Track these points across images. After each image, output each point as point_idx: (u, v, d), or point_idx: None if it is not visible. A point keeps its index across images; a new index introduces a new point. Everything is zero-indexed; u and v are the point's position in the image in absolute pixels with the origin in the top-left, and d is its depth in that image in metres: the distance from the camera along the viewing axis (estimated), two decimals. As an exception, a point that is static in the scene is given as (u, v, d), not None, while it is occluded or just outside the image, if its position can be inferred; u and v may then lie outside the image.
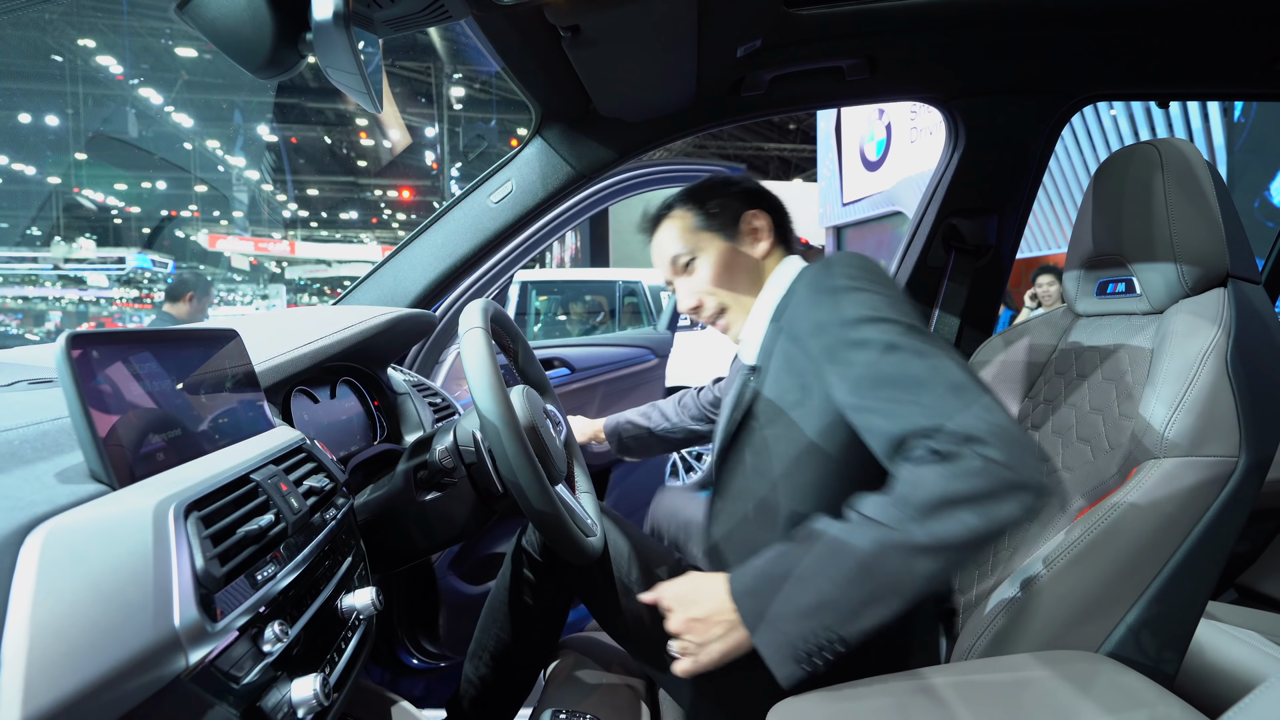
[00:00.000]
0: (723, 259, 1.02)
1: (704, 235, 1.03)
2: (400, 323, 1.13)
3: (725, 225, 1.03)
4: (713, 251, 1.02)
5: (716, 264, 1.02)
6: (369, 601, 0.72)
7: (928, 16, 1.20)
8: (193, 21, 0.65)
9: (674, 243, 1.04)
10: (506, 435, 0.83)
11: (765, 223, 1.04)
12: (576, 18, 0.93)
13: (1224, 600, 1.52)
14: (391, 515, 0.96)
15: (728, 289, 1.02)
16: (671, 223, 1.06)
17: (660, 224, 1.08)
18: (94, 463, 0.51)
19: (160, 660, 0.44)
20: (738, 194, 1.05)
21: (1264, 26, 1.23)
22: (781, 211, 1.07)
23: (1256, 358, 0.85)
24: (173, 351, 0.64)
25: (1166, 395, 0.85)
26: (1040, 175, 1.51)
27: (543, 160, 1.40)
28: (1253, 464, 0.84)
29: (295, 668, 0.59)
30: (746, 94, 1.35)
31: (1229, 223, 0.90)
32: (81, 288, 22.62)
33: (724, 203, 1.04)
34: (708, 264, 1.02)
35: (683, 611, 0.82)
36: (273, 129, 24.06)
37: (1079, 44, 1.29)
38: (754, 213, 1.04)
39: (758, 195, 1.06)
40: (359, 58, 0.62)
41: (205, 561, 0.50)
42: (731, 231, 1.03)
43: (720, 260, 1.02)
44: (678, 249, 1.04)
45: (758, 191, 1.07)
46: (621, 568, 1.02)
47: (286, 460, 0.71)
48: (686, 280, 1.05)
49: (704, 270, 1.02)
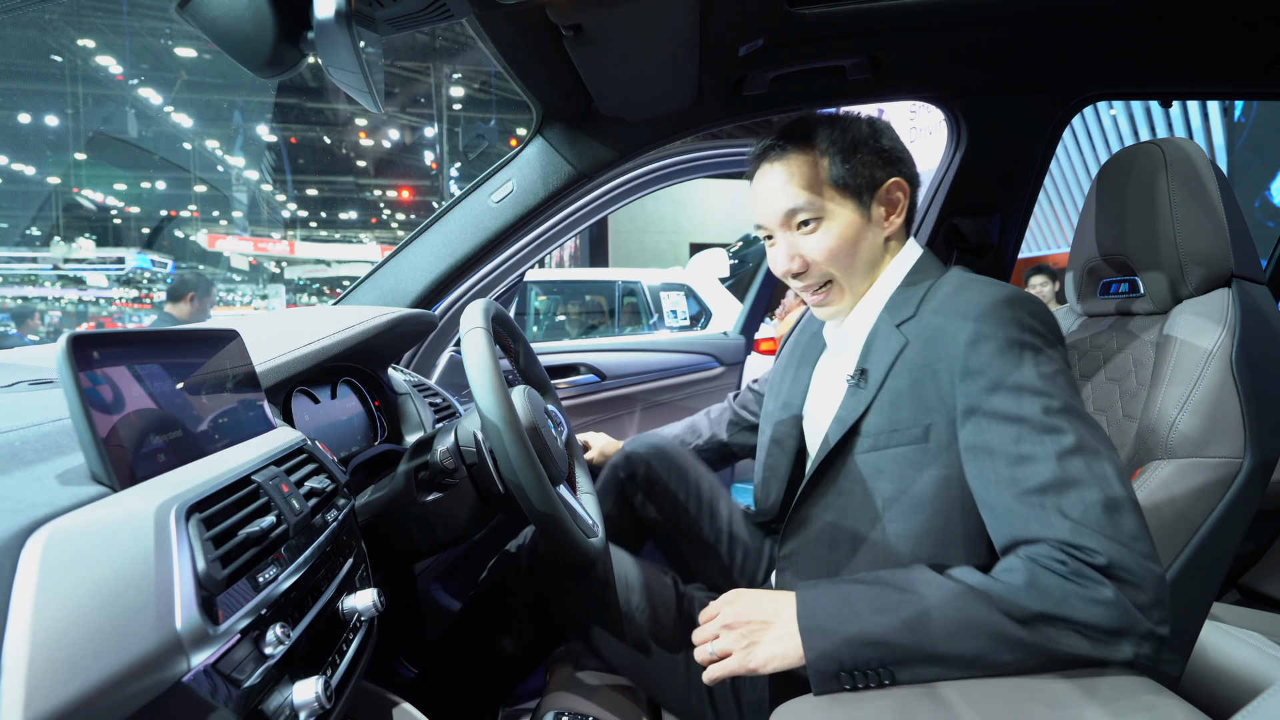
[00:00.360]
0: (851, 231, 0.86)
1: (836, 195, 0.86)
2: (401, 323, 1.12)
3: (861, 190, 0.87)
4: (841, 219, 0.86)
5: (841, 235, 0.86)
6: (370, 603, 0.71)
7: (930, 15, 1.20)
8: (194, 20, 0.65)
9: (797, 194, 0.86)
10: (508, 435, 0.82)
11: (903, 197, 0.89)
12: (578, 16, 0.93)
13: (1227, 601, 1.52)
14: (393, 516, 0.95)
15: (844, 266, 0.88)
16: (800, 164, 0.87)
17: (787, 154, 0.88)
18: (95, 464, 0.50)
19: (162, 664, 0.44)
20: (884, 154, 0.88)
21: (1266, 26, 1.23)
22: (917, 183, 0.92)
23: (1261, 358, 0.85)
24: (173, 352, 0.63)
25: (1171, 396, 0.85)
26: (1043, 175, 1.51)
27: (544, 160, 1.39)
28: (1258, 465, 0.83)
29: (297, 670, 0.59)
30: (748, 93, 1.35)
31: (1233, 223, 0.90)
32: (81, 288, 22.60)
33: (867, 160, 0.87)
34: (832, 233, 0.86)
35: (737, 608, 0.76)
36: (272, 129, 24.07)
37: (1081, 43, 1.29)
38: (897, 181, 0.88)
39: (900, 160, 0.89)
40: (361, 57, 0.62)
41: (207, 564, 0.49)
42: (867, 199, 0.87)
43: (847, 232, 0.86)
44: (799, 203, 0.86)
45: (902, 155, 0.90)
46: (626, 596, 0.96)
47: (288, 461, 0.71)
48: (795, 238, 0.88)
49: (825, 239, 0.86)
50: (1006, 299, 0.77)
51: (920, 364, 0.80)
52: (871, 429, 0.82)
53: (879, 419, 0.81)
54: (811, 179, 0.86)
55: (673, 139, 1.42)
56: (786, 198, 0.87)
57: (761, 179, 0.90)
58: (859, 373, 0.85)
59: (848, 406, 0.85)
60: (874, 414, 0.82)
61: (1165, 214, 0.91)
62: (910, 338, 0.82)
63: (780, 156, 0.88)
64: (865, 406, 0.82)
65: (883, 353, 0.83)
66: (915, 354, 0.80)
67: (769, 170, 0.89)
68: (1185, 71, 1.34)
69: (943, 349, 0.78)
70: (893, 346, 0.83)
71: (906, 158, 0.91)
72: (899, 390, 0.80)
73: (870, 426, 0.82)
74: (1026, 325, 0.75)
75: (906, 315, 0.84)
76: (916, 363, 0.80)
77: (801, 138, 0.88)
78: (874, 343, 0.86)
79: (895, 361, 0.82)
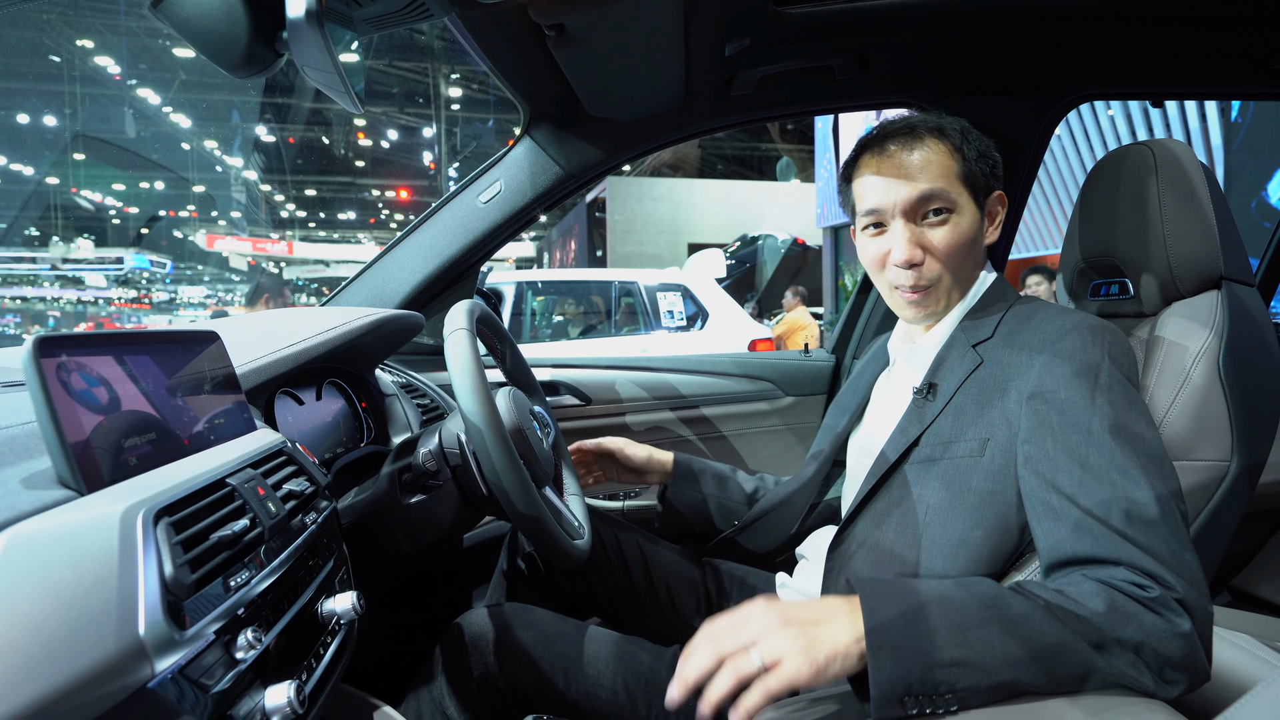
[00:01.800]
0: (972, 231, 0.85)
1: (964, 192, 0.85)
2: (386, 324, 1.12)
3: (980, 194, 0.87)
4: (968, 217, 0.85)
5: (965, 234, 0.84)
6: (350, 606, 0.71)
7: (917, 15, 1.19)
8: (167, 19, 0.64)
9: (940, 178, 0.83)
10: (490, 437, 0.82)
11: (1002, 210, 0.91)
12: (560, 16, 0.92)
13: (1218, 603, 1.52)
14: (376, 518, 0.95)
15: (956, 267, 0.86)
16: (939, 152, 0.84)
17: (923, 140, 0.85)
18: (61, 468, 0.50)
19: (123, 670, 0.43)
20: (996, 165, 0.89)
21: (1260, 26, 1.23)
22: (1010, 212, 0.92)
23: (1249, 361, 0.85)
24: (149, 354, 0.63)
25: (1159, 399, 0.85)
26: (1034, 175, 1.50)
27: (531, 160, 1.39)
28: (1244, 468, 0.83)
29: (270, 675, 0.58)
30: (737, 94, 1.34)
31: (1223, 225, 0.89)
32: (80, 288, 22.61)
33: (989, 166, 0.87)
34: (959, 229, 0.84)
35: (779, 608, 0.64)
36: (271, 129, 24.07)
37: (1071, 43, 1.28)
38: (1000, 195, 0.90)
39: (1001, 176, 0.91)
40: (335, 56, 0.61)
41: (175, 568, 0.49)
42: (981, 202, 0.87)
43: (970, 232, 0.85)
44: (937, 188, 0.83)
45: (1002, 173, 0.91)
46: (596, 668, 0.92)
47: (266, 463, 0.70)
48: (918, 230, 0.85)
49: (953, 233, 0.84)
50: (1087, 327, 0.77)
51: (991, 384, 0.80)
52: (930, 439, 0.82)
53: (939, 431, 0.81)
54: (948, 169, 0.84)
55: (662, 140, 1.42)
56: (924, 182, 0.83)
57: (888, 160, 0.85)
58: (928, 386, 0.85)
59: (912, 418, 0.84)
60: (936, 426, 0.82)
61: (1155, 216, 0.91)
62: (985, 358, 0.82)
63: (916, 141, 0.85)
64: (931, 419, 0.82)
65: (955, 370, 0.83)
66: (987, 374, 0.81)
67: (900, 153, 0.84)
68: (1177, 71, 1.34)
69: (1016, 371, 0.78)
70: (966, 365, 0.83)
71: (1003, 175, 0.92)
72: (964, 405, 0.81)
73: (929, 438, 0.82)
74: (1104, 352, 0.75)
75: (983, 336, 0.84)
76: (988, 383, 0.80)
77: (936, 128, 0.86)
78: (947, 359, 0.85)
79: (966, 379, 0.82)
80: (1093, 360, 0.75)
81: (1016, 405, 0.77)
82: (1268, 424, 0.85)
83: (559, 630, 0.94)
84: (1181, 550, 0.65)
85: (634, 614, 1.12)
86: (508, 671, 0.90)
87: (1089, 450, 0.70)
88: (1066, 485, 0.70)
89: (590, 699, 0.90)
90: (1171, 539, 0.65)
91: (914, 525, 0.80)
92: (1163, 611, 0.62)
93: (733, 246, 12.05)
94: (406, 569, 1.20)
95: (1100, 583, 0.64)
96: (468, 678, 0.90)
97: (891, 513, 0.83)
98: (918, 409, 0.84)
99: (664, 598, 1.12)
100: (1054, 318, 0.81)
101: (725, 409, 1.72)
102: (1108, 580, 0.64)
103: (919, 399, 0.85)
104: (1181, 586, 0.63)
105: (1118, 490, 0.67)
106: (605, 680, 0.91)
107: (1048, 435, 0.73)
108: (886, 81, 1.38)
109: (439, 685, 0.90)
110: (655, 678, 0.91)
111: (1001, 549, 0.78)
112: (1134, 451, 0.69)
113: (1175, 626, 0.61)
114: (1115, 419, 0.71)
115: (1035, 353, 0.78)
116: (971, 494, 0.78)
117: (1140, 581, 0.63)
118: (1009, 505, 0.77)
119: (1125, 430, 0.70)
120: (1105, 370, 0.74)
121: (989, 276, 0.92)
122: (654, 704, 0.90)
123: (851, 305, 1.78)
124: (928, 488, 0.80)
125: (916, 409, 0.84)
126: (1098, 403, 0.72)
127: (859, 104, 1.48)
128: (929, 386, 0.85)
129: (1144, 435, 0.71)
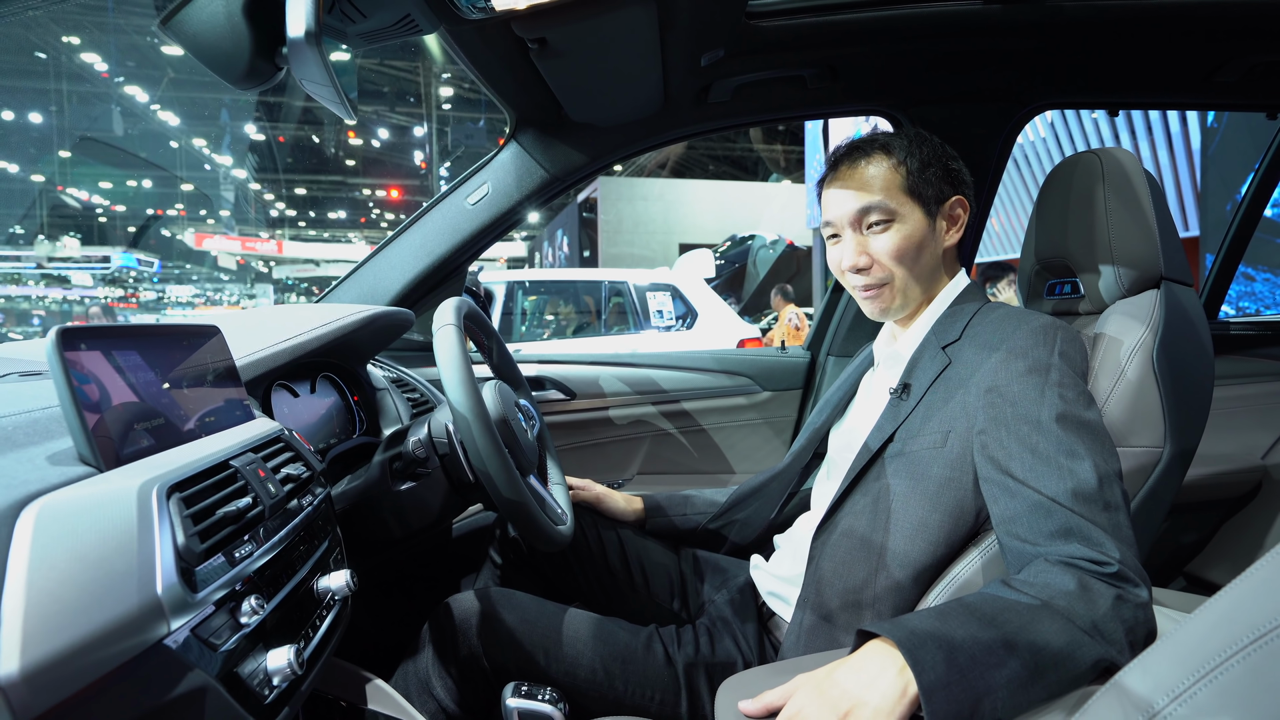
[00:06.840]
0: (917, 235, 0.93)
1: (907, 201, 0.93)
2: (378, 319, 1.17)
3: (930, 201, 0.94)
4: (911, 223, 0.93)
5: (909, 238, 0.92)
6: (343, 583, 0.76)
7: (885, 28, 1.25)
8: (175, 36, 0.69)
9: (876, 192, 0.92)
10: (477, 427, 0.87)
11: (964, 214, 0.97)
12: (542, 30, 0.98)
13: (1174, 588, 1.58)
14: (368, 504, 1.00)
15: (907, 269, 0.94)
16: (879, 167, 0.94)
17: (866, 160, 0.95)
18: (82, 447, 0.55)
19: (144, 625, 0.49)
20: (951, 173, 0.96)
21: (1205, 40, 1.29)
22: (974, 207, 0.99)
23: (1182, 355, 0.90)
24: (157, 346, 0.68)
25: (1099, 389, 0.91)
26: (998, 179, 1.57)
27: (518, 164, 1.44)
28: (1176, 453, 0.89)
29: (271, 639, 0.63)
30: (714, 101, 1.40)
31: (1163, 229, 0.95)
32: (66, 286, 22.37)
33: (938, 174, 0.94)
34: (900, 235, 0.92)
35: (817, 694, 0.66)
36: (260, 127, 23.94)
37: (1031, 56, 1.35)
38: (959, 199, 0.96)
39: (964, 182, 0.98)
40: (332, 71, 0.66)
41: (186, 538, 0.54)
42: (933, 209, 0.94)
43: (914, 236, 0.93)
44: (875, 201, 0.92)
45: (966, 179, 0.98)
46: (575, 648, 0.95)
47: (265, 449, 0.75)
48: (863, 238, 0.94)
49: (893, 240, 0.92)
50: (1042, 327, 0.85)
51: (956, 382, 0.87)
52: (902, 435, 0.89)
53: (910, 427, 0.89)
54: (891, 182, 0.93)
55: (643, 145, 1.47)
56: (863, 198, 0.93)
57: (838, 180, 0.96)
58: (902, 387, 0.92)
59: (888, 416, 0.92)
60: (908, 423, 0.89)
61: (1102, 220, 0.96)
62: (953, 359, 0.90)
63: (862, 158, 0.95)
64: (904, 417, 0.90)
65: (926, 370, 0.91)
66: (954, 373, 0.88)
67: (848, 173, 0.96)
68: (1129, 82, 1.40)
69: (977, 367, 0.86)
70: (936, 366, 0.90)
71: (969, 181, 0.99)
72: (933, 403, 0.88)
73: (902, 433, 0.89)
74: (1055, 350, 0.83)
75: (952, 338, 0.91)
76: (953, 380, 0.88)
77: (881, 146, 0.95)
78: (919, 361, 0.93)
79: (936, 379, 0.89)
80: (1043, 358, 0.82)
81: (975, 399, 0.84)
82: (1199, 413, 0.92)
83: (540, 612, 0.99)
84: (1119, 516, 0.73)
85: (612, 597, 1.17)
86: (490, 652, 0.95)
87: (1039, 439, 0.77)
88: (1019, 470, 0.77)
89: (570, 677, 0.95)
90: (1113, 511, 0.73)
91: (885, 512, 0.87)
92: (1121, 586, 0.69)
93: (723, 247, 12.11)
94: (397, 554, 1.24)
95: (1064, 564, 0.71)
96: (452, 657, 0.95)
97: (867, 502, 0.90)
98: (894, 408, 0.92)
99: (639, 581, 1.17)
100: (1012, 319, 0.88)
101: (705, 403, 1.79)
102: (1068, 560, 0.71)
103: (895, 399, 0.93)
104: (1124, 553, 0.70)
105: (1064, 471, 0.75)
106: (584, 659, 0.96)
107: (1001, 426, 0.80)
108: (857, 91, 1.44)
109: (425, 664, 0.96)
110: (632, 655, 0.97)
111: (957, 531, 0.84)
112: (1078, 437, 0.77)
113: (1136, 597, 0.69)
114: (1063, 409, 0.79)
115: (993, 350, 0.85)
116: (931, 481, 0.85)
117: (1095, 557, 0.70)
118: (965, 491, 0.84)
119: (1072, 419, 0.78)
120: (1056, 367, 0.82)
121: (961, 282, 0.99)
122: (630, 680, 0.95)
123: (825, 305, 1.85)
124: (896, 478, 0.88)
125: (893, 408, 0.92)
126: (1047, 395, 0.80)
127: (831, 111, 1.54)
128: (904, 387, 0.92)
129: (1090, 422, 0.79)
